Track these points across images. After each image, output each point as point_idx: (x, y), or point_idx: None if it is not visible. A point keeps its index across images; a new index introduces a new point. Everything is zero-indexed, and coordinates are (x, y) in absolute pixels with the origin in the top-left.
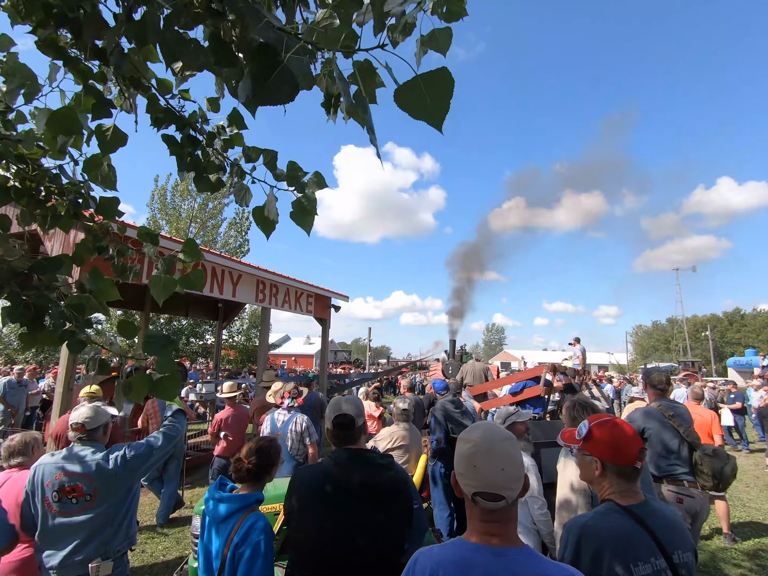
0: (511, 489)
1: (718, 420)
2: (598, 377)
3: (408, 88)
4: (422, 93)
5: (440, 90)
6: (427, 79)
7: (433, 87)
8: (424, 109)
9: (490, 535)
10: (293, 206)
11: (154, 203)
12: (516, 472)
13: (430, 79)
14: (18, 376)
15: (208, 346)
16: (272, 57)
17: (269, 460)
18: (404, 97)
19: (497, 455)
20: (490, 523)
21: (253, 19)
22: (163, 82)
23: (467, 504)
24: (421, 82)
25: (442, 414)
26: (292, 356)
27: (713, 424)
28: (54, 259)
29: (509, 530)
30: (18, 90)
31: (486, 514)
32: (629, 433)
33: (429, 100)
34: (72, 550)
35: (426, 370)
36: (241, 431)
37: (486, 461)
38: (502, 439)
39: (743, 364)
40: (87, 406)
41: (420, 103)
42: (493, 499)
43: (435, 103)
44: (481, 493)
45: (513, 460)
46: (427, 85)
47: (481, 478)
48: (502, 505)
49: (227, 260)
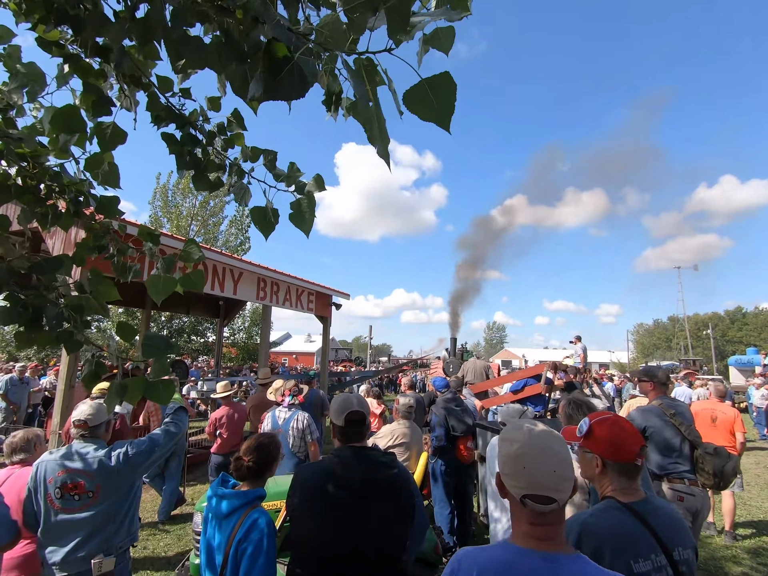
0: (562, 491)
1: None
2: (599, 375)
3: (415, 92)
4: (428, 96)
5: (444, 93)
6: (432, 83)
7: (438, 90)
8: (432, 111)
9: (540, 539)
10: (292, 207)
11: (155, 201)
12: (567, 473)
13: (434, 83)
14: (20, 373)
15: (209, 343)
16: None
17: (269, 456)
18: (412, 100)
19: (548, 455)
20: (541, 526)
21: (269, 17)
22: (164, 80)
23: (513, 507)
24: (426, 86)
25: (443, 412)
26: (293, 354)
27: (736, 422)
28: (54, 260)
29: (560, 534)
30: (21, 88)
31: (536, 517)
32: (630, 431)
33: (435, 103)
34: (74, 547)
35: (427, 368)
36: (238, 428)
37: (536, 462)
38: (551, 438)
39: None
40: (89, 404)
41: (427, 106)
42: (545, 501)
43: (441, 106)
44: (532, 495)
45: (564, 461)
46: (433, 89)
47: (531, 480)
48: (554, 508)
49: (228, 258)
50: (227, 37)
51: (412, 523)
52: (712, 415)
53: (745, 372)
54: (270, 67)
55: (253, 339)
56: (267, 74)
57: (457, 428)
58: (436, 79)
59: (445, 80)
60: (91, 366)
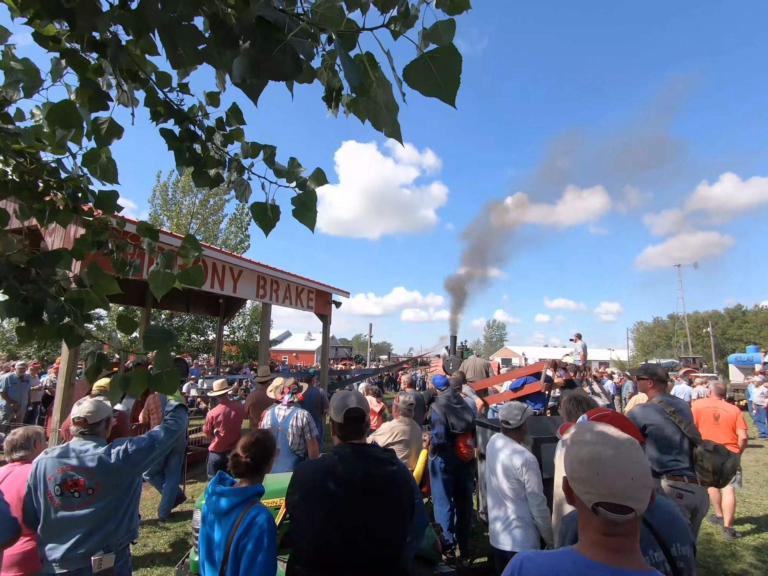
0: (640, 500)
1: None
2: (599, 373)
3: (416, 66)
4: (431, 70)
5: (449, 66)
6: (434, 57)
7: (441, 63)
8: (435, 85)
9: (612, 551)
10: (293, 203)
11: (155, 199)
12: (645, 481)
13: (437, 56)
14: (20, 371)
15: (209, 341)
16: (274, 32)
17: (266, 452)
18: (414, 75)
19: (624, 461)
20: (613, 537)
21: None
22: (162, 75)
23: (582, 514)
24: (428, 59)
25: (443, 409)
26: (293, 352)
27: (737, 419)
28: (52, 253)
29: (634, 547)
30: (17, 84)
31: (609, 527)
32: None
33: (439, 76)
34: (74, 543)
35: (427, 366)
36: (236, 426)
37: (611, 468)
38: (627, 443)
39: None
40: (89, 401)
41: (430, 80)
42: (621, 511)
43: (445, 79)
44: (606, 504)
45: (641, 467)
46: (435, 62)
47: (605, 487)
48: (630, 518)
49: (228, 256)
50: (221, 23)
51: (412, 520)
52: (715, 413)
53: (744, 370)
54: (261, 46)
55: (253, 337)
56: (258, 54)
57: (456, 426)
58: (439, 52)
59: (449, 53)
60: (93, 359)
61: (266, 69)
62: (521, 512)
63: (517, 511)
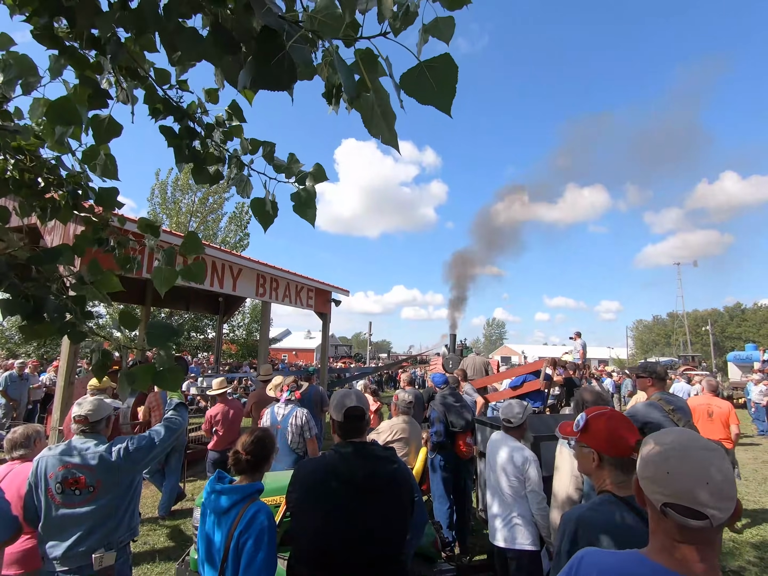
0: (717, 509)
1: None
2: (598, 371)
3: (413, 74)
4: (427, 79)
5: (445, 75)
6: (431, 66)
7: (438, 73)
8: (431, 94)
9: (683, 559)
10: (293, 199)
11: (154, 198)
12: (725, 489)
13: (434, 66)
14: (19, 369)
15: (209, 340)
16: (275, 41)
17: (265, 450)
18: (410, 83)
19: (699, 465)
20: (684, 544)
21: (257, 3)
22: (161, 72)
23: (653, 516)
24: (425, 68)
25: (442, 408)
26: (292, 350)
27: (731, 415)
28: (52, 250)
29: (710, 561)
30: (16, 80)
31: (679, 532)
32: (625, 425)
33: (435, 85)
34: (75, 541)
35: (426, 364)
36: (234, 425)
37: (683, 468)
38: (706, 448)
39: (743, 359)
40: (89, 399)
41: (426, 89)
42: (692, 515)
43: (441, 89)
44: (675, 505)
45: (721, 474)
46: (432, 71)
47: (675, 487)
48: (703, 525)
49: (227, 254)
50: (220, 27)
51: (412, 518)
52: (709, 409)
53: (743, 368)
54: (260, 55)
55: (252, 335)
56: (257, 63)
57: (456, 424)
58: (435, 61)
59: (445, 62)
60: (98, 355)
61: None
62: (521, 510)
63: (517, 508)
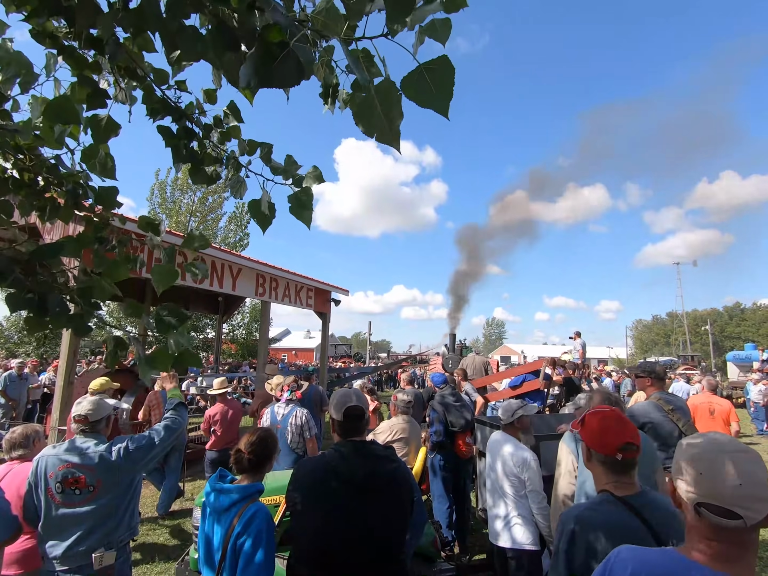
0: (751, 510)
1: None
2: (598, 371)
3: (412, 78)
4: (426, 82)
5: (442, 78)
6: (429, 68)
7: (436, 75)
8: (430, 97)
9: (717, 558)
10: (290, 200)
11: (154, 197)
12: (759, 491)
13: (432, 68)
14: (18, 369)
15: (208, 340)
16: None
17: (267, 450)
18: (409, 86)
19: (732, 466)
20: (717, 543)
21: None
22: (160, 72)
23: (688, 515)
24: (424, 71)
25: (442, 407)
26: (292, 350)
27: (731, 413)
28: (54, 244)
29: (745, 561)
30: (14, 79)
31: (713, 531)
32: (617, 426)
33: (433, 88)
34: (75, 541)
35: (426, 364)
36: (233, 425)
37: (716, 469)
38: (740, 451)
39: (743, 359)
40: (89, 399)
41: (425, 92)
42: (726, 515)
43: (439, 92)
44: (708, 505)
45: (755, 476)
46: (430, 74)
47: (708, 488)
48: (737, 525)
49: (227, 254)
50: (222, 26)
51: (412, 518)
52: (710, 407)
53: (743, 368)
54: (265, 54)
55: (252, 335)
56: (262, 62)
57: (455, 424)
58: (433, 64)
59: (443, 64)
60: (111, 345)
61: (271, 76)
62: (521, 509)
63: (517, 508)
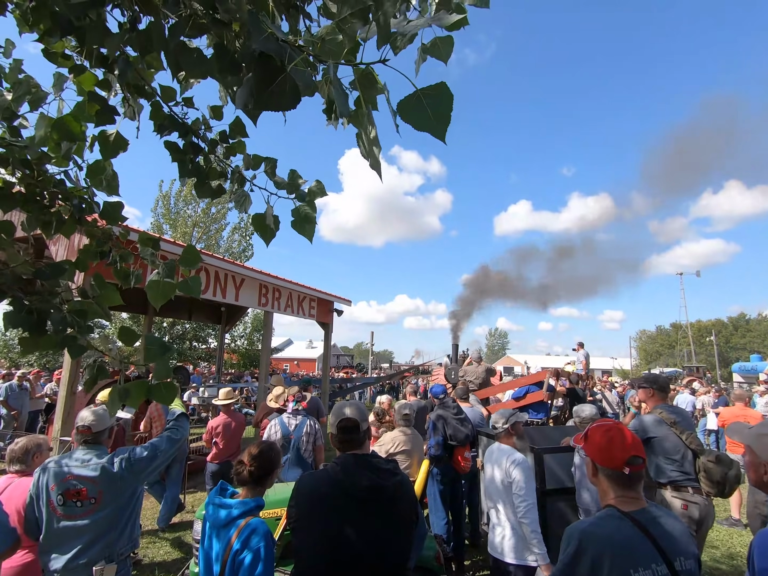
0: None
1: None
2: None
3: (410, 102)
4: (423, 107)
5: (440, 103)
6: (427, 93)
7: (433, 100)
8: (427, 121)
9: None
10: (293, 215)
11: (158, 208)
12: None
13: (429, 93)
14: (19, 379)
15: (210, 349)
16: (274, 65)
17: (270, 464)
18: (407, 110)
19: None
20: None
21: (256, 30)
22: (167, 89)
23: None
24: (421, 96)
25: (441, 420)
26: (294, 360)
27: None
28: (56, 265)
29: None
30: (25, 97)
31: None
32: (620, 439)
33: (431, 113)
34: (76, 553)
35: (428, 374)
36: (235, 438)
37: None
38: None
39: (748, 370)
40: (92, 409)
41: (422, 116)
42: None
43: (437, 116)
44: None
45: None
46: (428, 99)
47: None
48: None
49: (230, 264)
50: (223, 48)
51: (416, 531)
52: (746, 420)
53: (749, 379)
54: (262, 77)
55: (254, 345)
56: (258, 85)
57: (455, 437)
58: (431, 90)
59: (441, 90)
60: (92, 371)
61: (267, 100)
62: (517, 522)
63: (514, 520)
